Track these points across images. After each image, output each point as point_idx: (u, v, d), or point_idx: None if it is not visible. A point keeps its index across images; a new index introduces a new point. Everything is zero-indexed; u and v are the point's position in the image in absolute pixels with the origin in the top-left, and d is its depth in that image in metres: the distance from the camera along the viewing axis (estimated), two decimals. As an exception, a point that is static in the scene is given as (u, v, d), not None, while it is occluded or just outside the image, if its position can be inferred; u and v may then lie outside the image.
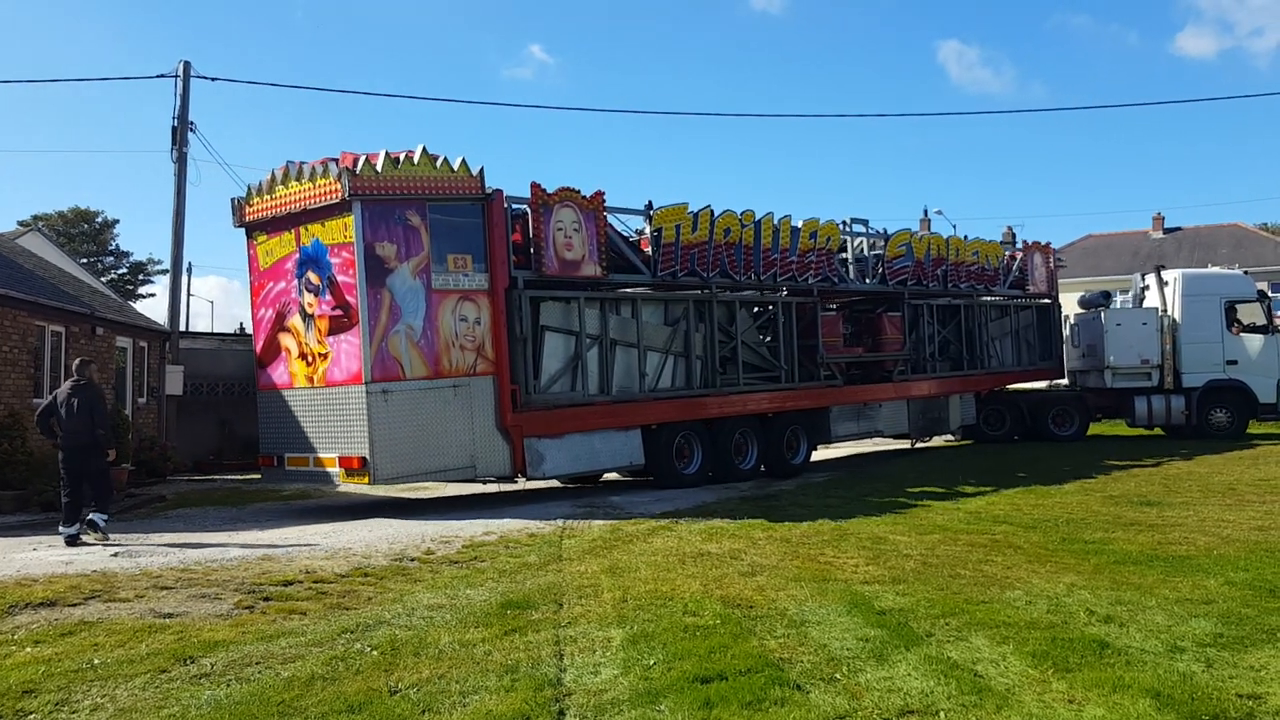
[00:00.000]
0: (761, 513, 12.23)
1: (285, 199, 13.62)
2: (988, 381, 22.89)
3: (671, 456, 15.69)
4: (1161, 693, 5.07)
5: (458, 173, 13.43)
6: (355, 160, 12.80)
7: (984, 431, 23.36)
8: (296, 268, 13.65)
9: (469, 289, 13.50)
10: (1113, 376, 22.81)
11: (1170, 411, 22.20)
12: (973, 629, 6.38)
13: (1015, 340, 23.86)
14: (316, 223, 13.26)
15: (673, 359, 16.13)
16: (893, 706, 5.02)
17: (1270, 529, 10.03)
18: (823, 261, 18.36)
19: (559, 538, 10.70)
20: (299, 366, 13.71)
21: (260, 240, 14.28)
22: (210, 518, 13.44)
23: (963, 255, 21.61)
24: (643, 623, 6.72)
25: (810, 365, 18.25)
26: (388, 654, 6.12)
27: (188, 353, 23.48)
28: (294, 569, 9.10)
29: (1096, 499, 12.72)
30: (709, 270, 16.30)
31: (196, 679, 5.75)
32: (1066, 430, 23.18)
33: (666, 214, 15.73)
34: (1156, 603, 6.99)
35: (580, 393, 14.65)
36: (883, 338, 19.92)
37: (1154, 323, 22.64)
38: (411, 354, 12.93)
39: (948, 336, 21.91)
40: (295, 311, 13.71)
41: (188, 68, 22.75)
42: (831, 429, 18.65)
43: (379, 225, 12.77)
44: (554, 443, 14.25)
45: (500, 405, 13.62)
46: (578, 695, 5.30)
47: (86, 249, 54.81)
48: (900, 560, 8.82)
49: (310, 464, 13.43)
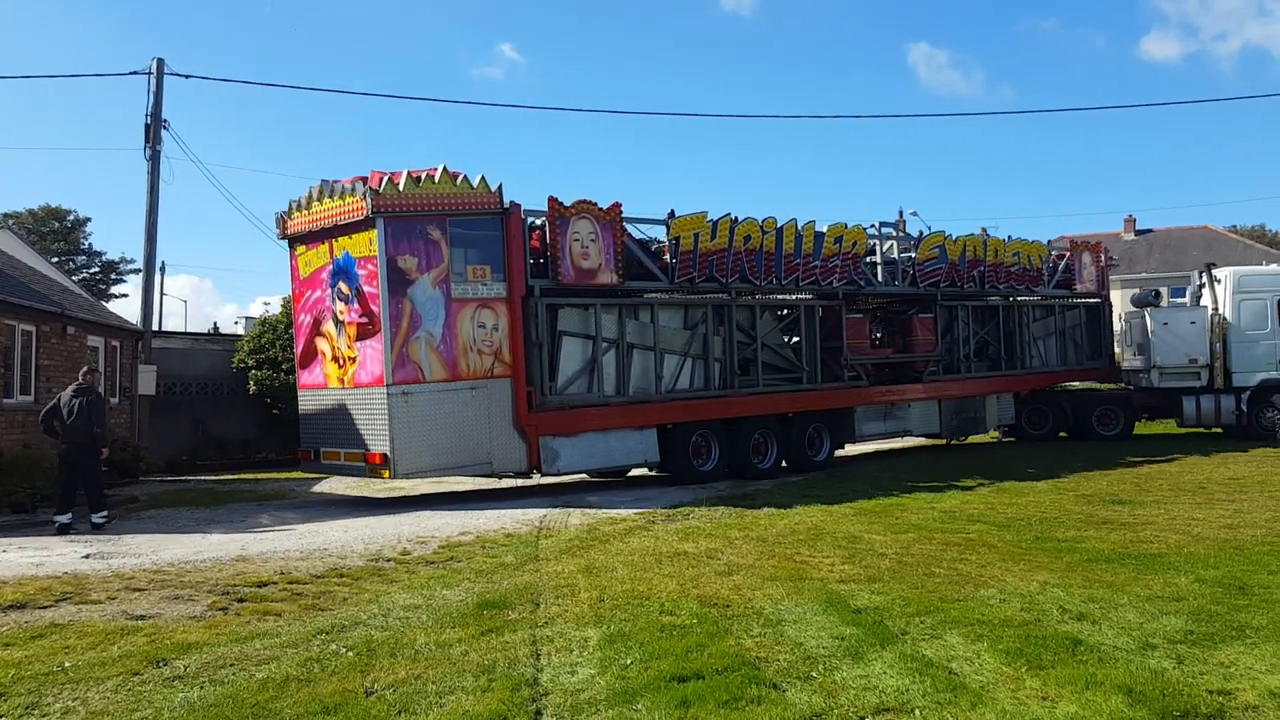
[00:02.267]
0: (738, 513, 12.27)
1: (320, 214, 14.66)
2: (1028, 381, 22.68)
3: (688, 454, 16.17)
4: (1133, 689, 5.12)
5: (476, 189, 14.28)
6: (381, 179, 13.72)
7: (1026, 431, 23.03)
8: (330, 278, 14.70)
9: (487, 297, 14.37)
10: (1160, 376, 22.32)
11: (1220, 411, 21.62)
12: (947, 627, 6.42)
13: (1061, 340, 23.65)
14: (346, 236, 14.26)
15: (691, 361, 16.72)
16: (868, 704, 5.05)
17: (1239, 527, 10.16)
18: (848, 265, 18.62)
19: (536, 538, 10.69)
20: (332, 369, 14.76)
21: (300, 252, 15.44)
22: (184, 519, 13.33)
23: (1002, 256, 21.53)
24: (619, 622, 6.73)
25: (835, 367, 18.69)
26: (363, 655, 6.09)
27: (160, 352, 23.25)
28: (269, 570, 9.05)
29: (1069, 498, 12.83)
30: (728, 276, 16.77)
31: (170, 681, 5.70)
32: (1111, 430, 22.59)
33: (684, 223, 16.25)
34: (1128, 600, 7.06)
35: (596, 394, 15.36)
36: (913, 339, 20.18)
37: (1202, 321, 22.08)
38: (431, 358, 13.82)
39: (986, 337, 21.95)
40: (329, 318, 14.78)
41: (161, 65, 22.52)
42: (857, 428, 18.98)
43: (401, 239, 13.71)
44: (569, 441, 14.91)
45: (517, 406, 14.39)
46: (554, 695, 5.29)
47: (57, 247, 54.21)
48: (875, 559, 8.87)
49: (341, 458, 14.44)
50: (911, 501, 12.85)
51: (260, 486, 17.28)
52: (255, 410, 23.79)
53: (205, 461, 22.46)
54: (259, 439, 23.89)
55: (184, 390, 24.35)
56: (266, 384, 22.96)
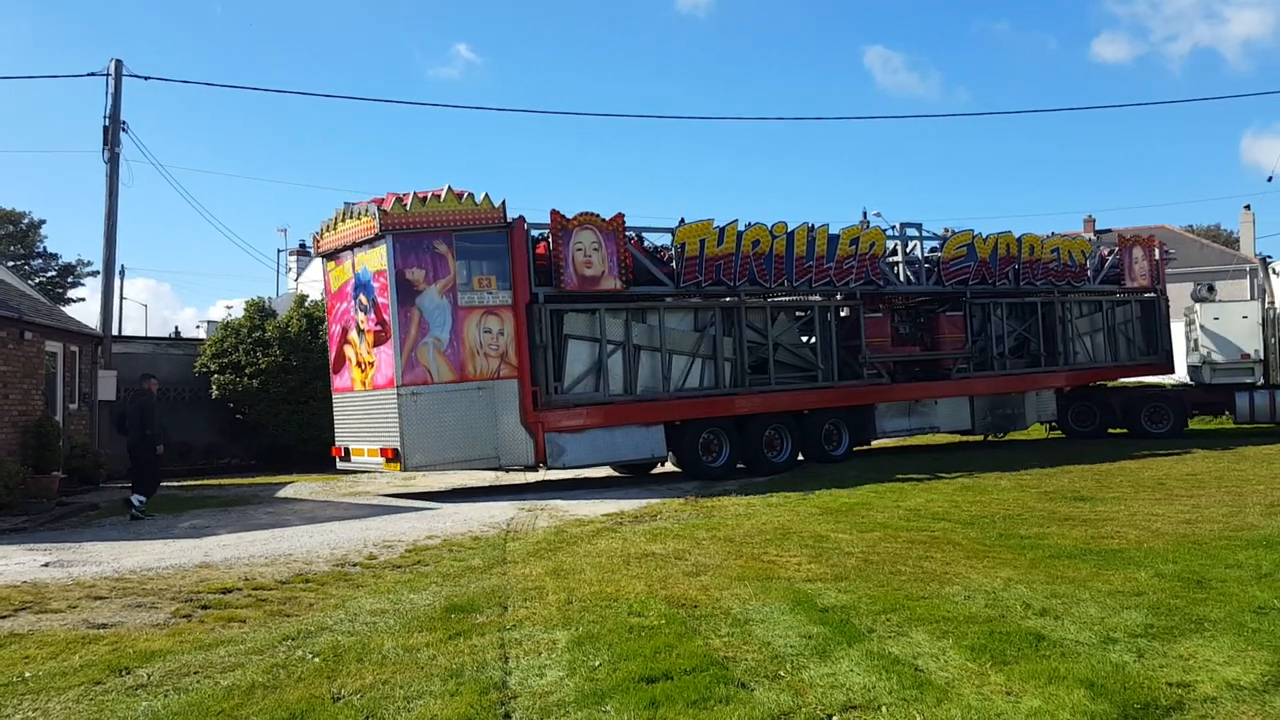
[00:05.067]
0: (705, 513, 12.30)
1: (344, 233, 16.15)
2: (1069, 378, 22.60)
3: (697, 451, 16.97)
4: (1095, 683, 5.19)
5: (480, 206, 15.48)
6: (392, 200, 15.11)
7: (1073, 427, 23.00)
8: (353, 290, 16.20)
9: (493, 305, 15.60)
10: (1211, 372, 22.09)
11: (1275, 408, 21.43)
12: (913, 624, 6.48)
13: (1111, 336, 23.49)
14: (364, 253, 15.80)
15: (701, 361, 17.53)
16: (835, 702, 5.09)
17: (1197, 522, 10.33)
18: (865, 266, 18.94)
19: (503, 541, 10.66)
20: (356, 373, 16.23)
21: (331, 267, 17.09)
22: (145, 525, 13.14)
23: (1039, 253, 21.50)
24: (588, 624, 6.73)
25: (855, 365, 19.09)
26: (330, 660, 6.05)
27: (121, 357, 22.92)
28: (233, 576, 8.96)
29: (1032, 495, 12.98)
30: (736, 280, 17.48)
31: (132, 690, 5.64)
32: (1161, 428, 22.30)
33: (689, 230, 17.17)
34: (1090, 595, 7.16)
35: (602, 393, 16.36)
36: (941, 336, 20.46)
37: (1255, 316, 21.91)
38: (439, 362, 15.14)
39: (1025, 334, 22.02)
40: (354, 327, 16.24)
41: (119, 66, 22.23)
42: (878, 425, 19.45)
43: (409, 254, 15.08)
44: (574, 437, 15.90)
45: (523, 404, 15.52)
46: (523, 698, 5.29)
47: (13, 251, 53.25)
48: (842, 558, 8.93)
49: (365, 454, 15.77)
50: (878, 500, 12.95)
51: (224, 492, 17.11)
52: (219, 415, 23.52)
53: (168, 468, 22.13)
54: (223, 444, 23.64)
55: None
56: (230, 388, 22.69)
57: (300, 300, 25.14)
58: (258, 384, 22.37)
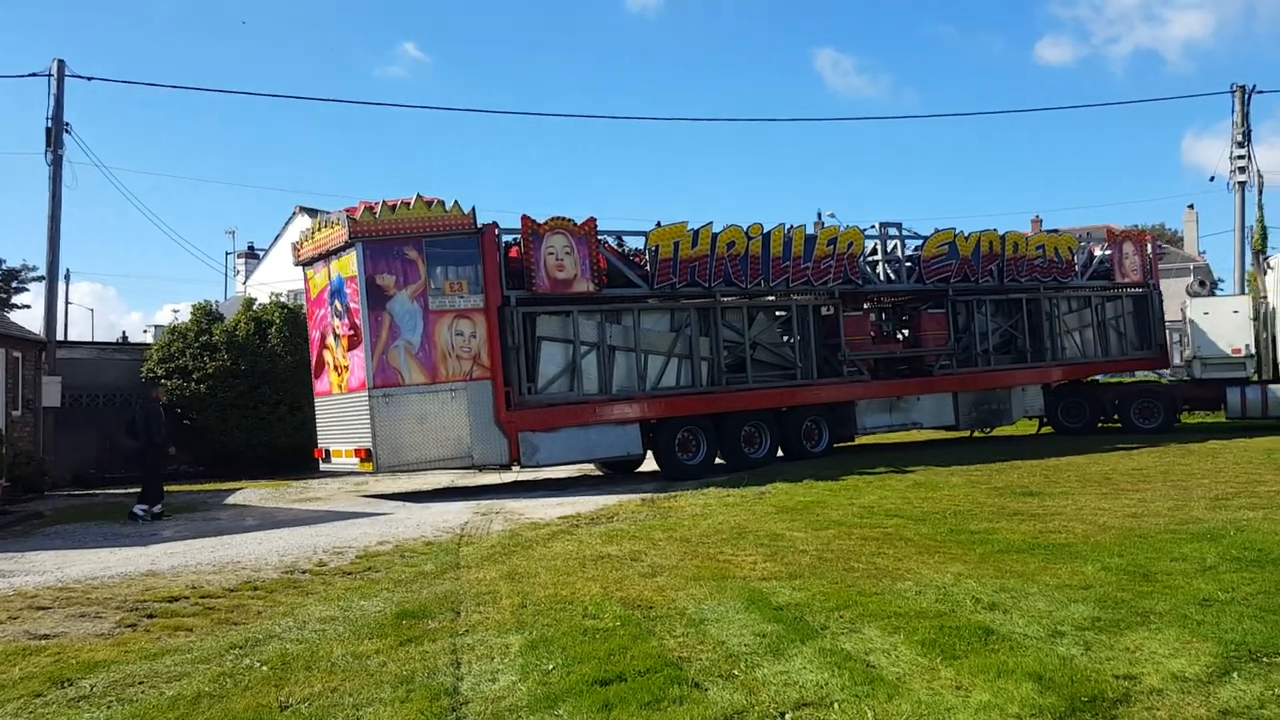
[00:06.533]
0: (662, 514, 12.30)
1: (320, 242, 16.54)
2: (1057, 373, 22.70)
3: (673, 449, 17.30)
4: (1043, 676, 5.25)
5: (450, 212, 15.86)
6: (363, 208, 15.54)
7: (1063, 423, 22.95)
8: (330, 297, 16.60)
9: (464, 308, 15.90)
10: (1202, 367, 21.96)
11: (1267, 403, 21.15)
12: (865, 620, 6.52)
13: (1102, 331, 23.53)
14: (338, 260, 16.19)
15: (678, 361, 17.79)
16: (788, 700, 5.10)
17: (1143, 516, 10.50)
18: (844, 265, 19.17)
19: (457, 545, 10.58)
20: (334, 377, 16.63)
21: (310, 275, 17.46)
22: (91, 534, 12.90)
23: (1023, 250, 21.61)
24: (542, 628, 6.69)
25: (835, 362, 19.30)
26: (278, 669, 5.96)
27: (65, 363, 22.47)
28: (180, 584, 8.81)
29: (982, 491, 13.12)
30: (711, 281, 17.75)
31: (75, 702, 5.52)
32: (1151, 423, 22.20)
33: (663, 233, 17.51)
34: (1038, 589, 7.24)
35: (577, 393, 16.63)
36: (922, 334, 20.71)
37: (1246, 311, 21.76)
38: (410, 364, 15.45)
39: (1012, 330, 22.14)
40: (331, 332, 16.61)
41: (61, 66, 21.79)
42: (858, 421, 19.76)
43: (379, 260, 15.44)
44: (548, 436, 16.19)
45: (496, 405, 15.81)
46: (475, 703, 5.24)
47: (-47, 256, 51.99)
48: (796, 556, 8.96)
49: (343, 455, 16.10)
50: (833, 498, 13.02)
51: (172, 499, 16.80)
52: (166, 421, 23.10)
53: (114, 475, 21.75)
54: (171, 450, 23.19)
55: (90, 401, 23.57)
56: (177, 394, 22.27)
57: (248, 303, 24.79)
58: (205, 389, 22.01)
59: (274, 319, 23.34)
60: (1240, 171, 30.48)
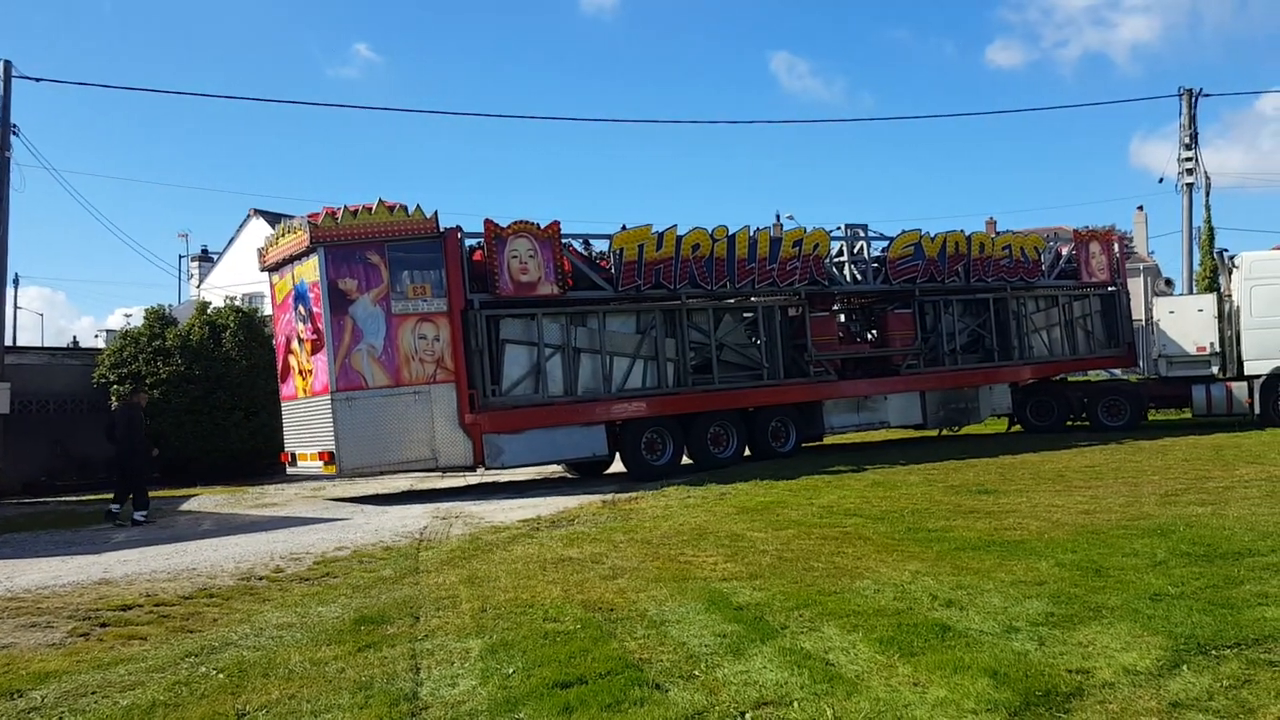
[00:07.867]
0: (623, 516, 12.30)
1: (283, 247, 16.67)
2: (1025, 372, 22.87)
3: (640, 449, 17.41)
4: (999, 671, 5.31)
5: (413, 217, 15.95)
6: (324, 214, 15.67)
7: (1032, 421, 23.04)
8: (294, 302, 16.67)
9: (428, 312, 16.01)
10: (1168, 365, 22.17)
11: (1232, 400, 21.37)
12: (825, 619, 6.56)
13: (1069, 330, 23.65)
14: (300, 265, 16.31)
15: (644, 362, 17.90)
16: (749, 699, 5.12)
17: (1095, 512, 10.66)
18: (809, 266, 19.29)
19: (416, 550, 10.52)
20: (299, 381, 16.71)
21: (275, 281, 17.55)
22: (41, 542, 12.66)
23: (989, 250, 21.74)
24: (502, 631, 6.67)
25: (802, 363, 19.57)
26: (235, 676, 5.89)
27: (14, 368, 22.01)
28: (133, 592, 8.68)
29: (939, 489, 13.26)
30: (676, 283, 17.85)
31: (25, 713, 5.42)
32: (1118, 421, 22.34)
33: (626, 236, 17.59)
34: (993, 586, 7.33)
35: (541, 395, 16.70)
36: (890, 334, 20.84)
37: (1211, 309, 21.94)
38: (373, 368, 15.59)
39: (978, 329, 22.27)
40: (295, 337, 16.69)
41: (8, 67, 21.36)
42: (826, 421, 19.95)
43: (340, 265, 15.58)
44: (513, 437, 16.27)
45: (460, 407, 15.89)
46: (434, 709, 5.21)
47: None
48: (757, 556, 9.01)
49: (307, 459, 16.16)
50: (793, 498, 13.10)
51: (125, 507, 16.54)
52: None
53: (66, 482, 21.37)
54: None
55: (41, 408, 23.09)
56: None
57: (202, 307, 24.47)
58: (159, 394, 21.65)
59: (229, 323, 23.05)
60: (1188, 174, 31.10)
